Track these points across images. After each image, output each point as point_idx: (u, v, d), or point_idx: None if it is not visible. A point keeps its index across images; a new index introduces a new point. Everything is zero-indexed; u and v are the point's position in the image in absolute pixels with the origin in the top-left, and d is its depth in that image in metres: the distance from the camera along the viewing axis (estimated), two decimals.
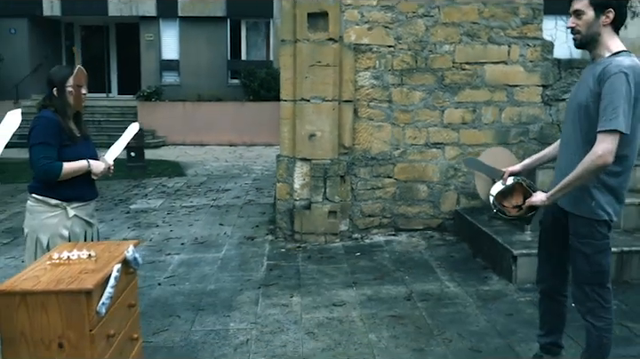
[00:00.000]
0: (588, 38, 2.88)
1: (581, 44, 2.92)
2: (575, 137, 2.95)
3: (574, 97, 3.01)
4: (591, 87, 2.83)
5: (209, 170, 12.83)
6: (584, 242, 2.94)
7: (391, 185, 6.77)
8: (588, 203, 2.91)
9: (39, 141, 3.40)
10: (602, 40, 2.87)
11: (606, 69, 2.76)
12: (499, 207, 3.30)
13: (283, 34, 6.57)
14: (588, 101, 2.84)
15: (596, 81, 2.81)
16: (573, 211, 2.97)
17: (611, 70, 2.73)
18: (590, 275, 2.95)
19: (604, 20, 2.83)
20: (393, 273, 5.40)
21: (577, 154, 2.89)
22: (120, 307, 3.01)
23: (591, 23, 2.84)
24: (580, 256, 2.97)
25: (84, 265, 2.88)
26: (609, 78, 2.73)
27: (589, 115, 2.84)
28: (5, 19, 18.75)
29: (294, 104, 6.51)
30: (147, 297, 4.85)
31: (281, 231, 6.69)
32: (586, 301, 2.99)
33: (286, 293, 4.90)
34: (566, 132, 3.04)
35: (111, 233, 7.10)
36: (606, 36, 2.86)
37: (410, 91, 6.68)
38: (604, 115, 2.73)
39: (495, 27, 6.61)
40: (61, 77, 3.51)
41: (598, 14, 2.82)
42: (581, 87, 2.95)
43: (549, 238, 3.22)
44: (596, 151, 2.74)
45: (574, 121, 2.95)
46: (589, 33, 2.86)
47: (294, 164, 6.54)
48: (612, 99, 2.70)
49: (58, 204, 3.48)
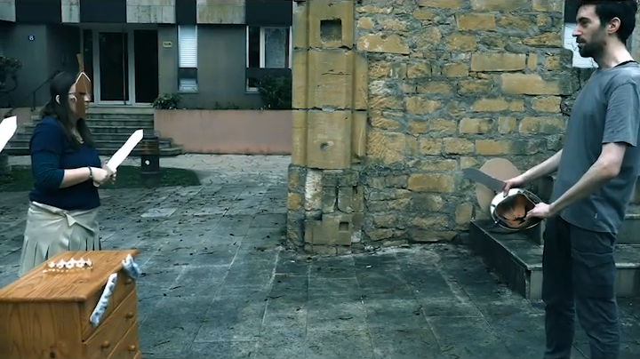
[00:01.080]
0: (594, 47, 2.87)
1: (586, 53, 2.91)
2: (579, 148, 2.92)
3: (579, 106, 2.98)
4: (597, 97, 2.81)
5: (224, 179, 12.90)
6: (586, 254, 2.91)
7: (405, 196, 6.74)
8: (591, 216, 2.88)
9: (40, 149, 3.44)
10: (607, 49, 2.86)
11: (613, 80, 2.74)
12: (500, 219, 3.27)
13: (295, 41, 6.60)
14: (594, 112, 2.82)
15: (602, 91, 2.78)
16: (575, 224, 2.94)
17: (618, 81, 2.71)
18: (593, 288, 2.91)
19: (610, 29, 2.82)
20: (403, 286, 5.37)
21: (582, 165, 2.86)
22: (116, 318, 3.03)
23: (596, 32, 2.83)
24: (582, 269, 2.93)
25: (80, 274, 2.91)
26: (616, 89, 2.71)
27: (595, 126, 2.81)
28: (24, 25, 19.11)
29: (306, 112, 6.53)
30: (151, 307, 4.88)
31: (291, 242, 6.69)
32: (590, 316, 2.95)
33: (293, 306, 4.89)
34: (570, 143, 3.01)
35: (121, 242, 7.16)
36: (612, 45, 2.85)
37: (425, 100, 6.66)
38: (610, 126, 2.71)
39: (513, 36, 6.57)
40: (64, 85, 3.55)
41: (604, 23, 2.82)
42: (587, 97, 2.92)
43: (553, 251, 3.18)
44: (601, 162, 2.70)
45: (579, 131, 2.92)
46: (595, 41, 2.85)
47: (306, 174, 6.55)
48: (619, 110, 2.68)
49: (59, 212, 3.52)
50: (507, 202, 3.27)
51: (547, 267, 3.29)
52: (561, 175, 3.06)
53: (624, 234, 5.62)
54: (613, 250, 2.93)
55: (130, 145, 3.92)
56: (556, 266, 3.18)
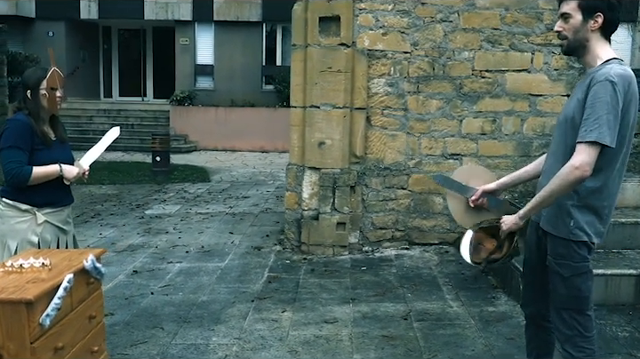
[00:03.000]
0: (576, 44, 2.71)
1: (569, 50, 2.75)
2: (562, 151, 2.75)
3: (563, 111, 2.83)
4: (579, 97, 2.66)
5: (234, 176, 12.84)
6: (561, 263, 2.75)
7: (405, 197, 6.59)
8: (567, 223, 2.71)
9: (8, 145, 3.36)
10: (591, 47, 2.70)
11: (593, 79, 2.60)
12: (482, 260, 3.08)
13: (294, 38, 6.49)
14: (574, 112, 2.66)
15: (584, 91, 2.63)
16: (551, 232, 2.78)
17: (597, 78, 2.57)
18: (568, 299, 2.75)
19: (593, 25, 2.66)
20: (396, 289, 5.23)
21: (557, 170, 2.68)
22: (76, 319, 2.94)
23: (578, 28, 2.68)
24: (557, 278, 2.77)
25: (36, 274, 2.82)
26: (593, 86, 2.56)
27: (575, 129, 2.64)
28: (44, 21, 19.27)
29: (304, 110, 6.41)
30: (135, 306, 4.80)
31: (288, 242, 6.58)
32: (564, 328, 2.79)
33: (279, 308, 4.78)
34: (552, 148, 2.86)
35: (120, 238, 7.11)
36: (595, 43, 2.69)
37: (426, 99, 6.49)
38: (584, 124, 2.55)
39: (518, 34, 6.37)
40: (35, 80, 3.47)
41: (586, 18, 2.66)
42: (571, 99, 2.77)
43: (533, 259, 3.01)
44: (572, 163, 2.55)
45: (560, 135, 2.77)
46: (577, 38, 2.70)
47: (303, 173, 6.43)
48: (594, 108, 2.53)
49: (28, 210, 3.44)
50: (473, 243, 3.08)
51: (526, 275, 3.13)
52: (541, 181, 2.90)
53: (627, 239, 5.42)
54: (590, 259, 2.76)
55: (105, 142, 3.83)
56: (536, 275, 3.01)
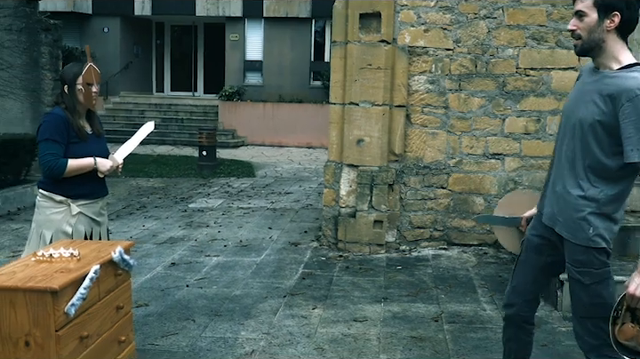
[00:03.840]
0: (592, 44, 2.57)
1: (583, 51, 2.62)
2: (574, 155, 2.64)
3: (574, 110, 2.67)
4: (600, 105, 2.53)
5: (279, 172, 12.93)
6: (582, 271, 2.64)
7: (444, 196, 6.50)
8: (586, 231, 2.61)
9: (45, 138, 3.47)
10: (607, 48, 2.56)
11: (625, 90, 2.45)
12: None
13: (334, 35, 6.47)
14: (595, 120, 2.54)
15: (607, 99, 2.50)
16: (570, 239, 2.67)
17: (632, 90, 2.43)
18: (592, 307, 2.65)
19: (609, 25, 2.53)
20: (429, 290, 5.17)
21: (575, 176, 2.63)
22: (103, 309, 3.02)
23: (593, 27, 2.55)
24: (578, 286, 2.68)
25: (65, 264, 2.91)
26: (629, 100, 2.43)
27: (597, 136, 2.55)
28: (99, 18, 19.80)
29: (343, 107, 6.39)
30: (170, 298, 4.89)
31: (325, 239, 6.59)
32: (590, 338, 2.68)
33: (310, 304, 4.79)
34: (564, 149, 2.71)
35: (161, 231, 7.26)
36: (612, 44, 2.56)
37: (468, 97, 6.39)
38: (630, 143, 2.45)
39: (565, 31, 6.18)
40: (71, 75, 3.57)
41: (602, 17, 2.53)
42: (584, 101, 2.61)
43: (531, 262, 2.92)
44: None
45: (574, 138, 2.64)
46: (592, 38, 2.56)
47: (341, 170, 6.43)
48: (638, 125, 2.42)
49: (63, 201, 3.55)
50: (619, 317, 2.55)
51: (517, 276, 3.01)
52: (554, 185, 2.77)
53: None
54: (610, 265, 2.67)
55: (140, 136, 3.90)
56: (528, 277, 2.94)
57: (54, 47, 11.82)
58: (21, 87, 11.06)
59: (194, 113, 19.15)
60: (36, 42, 11.34)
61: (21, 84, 11.06)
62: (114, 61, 19.58)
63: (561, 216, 2.70)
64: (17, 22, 11.13)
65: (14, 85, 11.07)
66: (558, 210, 2.71)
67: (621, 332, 2.52)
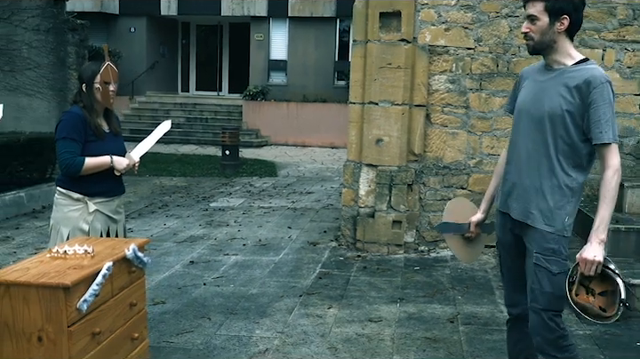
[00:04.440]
0: (543, 45, 2.74)
1: (535, 51, 2.79)
2: (539, 148, 2.75)
3: (536, 106, 2.77)
4: (566, 95, 2.67)
5: (301, 171, 12.96)
6: (552, 259, 2.72)
7: (464, 197, 6.44)
8: (562, 219, 2.71)
9: (63, 136, 3.53)
10: (558, 47, 2.74)
11: (590, 79, 2.62)
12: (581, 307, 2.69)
13: (354, 34, 6.48)
14: (564, 110, 2.67)
15: (574, 89, 2.64)
16: (545, 228, 2.73)
17: (597, 79, 2.62)
18: (552, 298, 2.71)
19: (559, 27, 2.70)
20: (446, 291, 5.14)
21: (544, 166, 2.73)
22: (116, 306, 3.06)
23: (545, 30, 2.70)
24: (545, 276, 2.72)
25: (79, 260, 2.95)
26: (595, 88, 2.61)
27: (565, 125, 2.68)
28: (126, 17, 20.05)
29: (362, 107, 6.39)
30: (187, 296, 4.94)
31: (344, 239, 6.59)
32: (546, 332, 2.76)
33: (325, 304, 4.80)
34: (522, 144, 2.81)
35: (182, 229, 7.33)
36: (562, 43, 2.74)
37: (489, 96, 6.33)
38: (599, 126, 2.61)
39: (588, 29, 6.11)
40: (89, 74, 3.62)
41: (553, 21, 2.69)
42: (547, 95, 2.72)
43: (512, 258, 2.97)
44: (616, 166, 2.63)
45: (538, 131, 2.75)
46: (543, 40, 2.72)
47: (360, 170, 6.42)
48: (605, 110, 2.60)
49: (80, 199, 3.60)
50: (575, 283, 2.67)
51: (508, 275, 3.06)
52: (519, 178, 2.82)
53: None
54: None
55: (156, 135, 3.93)
56: (515, 273, 2.98)
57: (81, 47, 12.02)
58: (48, 86, 11.28)
59: (218, 112, 19.29)
60: (62, 42, 11.55)
61: (48, 84, 11.28)
62: (140, 61, 19.81)
63: (535, 208, 2.76)
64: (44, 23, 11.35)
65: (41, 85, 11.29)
66: (531, 202, 2.77)
67: (586, 301, 2.67)
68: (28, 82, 11.08)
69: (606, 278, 2.66)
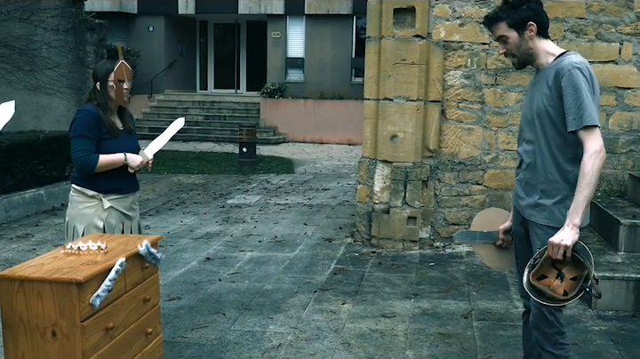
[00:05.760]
0: (525, 56, 2.82)
1: (521, 64, 2.87)
2: (538, 147, 2.81)
3: (529, 108, 2.87)
4: (547, 92, 2.72)
5: (318, 168, 12.96)
6: None
7: (480, 192, 6.41)
8: (562, 213, 2.71)
9: (77, 134, 3.57)
10: (537, 51, 2.80)
11: (559, 70, 2.68)
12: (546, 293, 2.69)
13: (369, 30, 6.47)
14: (547, 106, 2.73)
15: (552, 84, 2.70)
16: (546, 223, 2.75)
17: (564, 68, 2.66)
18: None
19: (529, 35, 2.77)
20: (461, 287, 5.12)
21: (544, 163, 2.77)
22: (130, 301, 3.08)
23: (519, 43, 2.79)
24: None
25: (92, 256, 2.98)
26: (563, 77, 2.65)
27: (552, 120, 2.72)
28: (144, 17, 20.19)
29: (377, 103, 6.38)
30: (202, 292, 4.97)
31: (359, 235, 6.59)
32: (546, 327, 2.78)
33: (339, 299, 4.80)
34: (524, 146, 2.90)
35: (199, 226, 7.37)
36: (539, 46, 2.80)
37: (504, 92, 6.28)
38: (570, 113, 2.63)
39: (605, 23, 6.03)
40: (103, 72, 3.65)
41: (521, 32, 2.77)
42: (536, 96, 2.81)
43: (526, 249, 2.98)
44: (594, 149, 2.59)
45: (533, 131, 2.82)
46: (522, 52, 2.80)
47: (375, 166, 6.41)
48: (575, 96, 2.62)
49: (94, 195, 3.64)
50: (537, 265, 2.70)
51: (521, 267, 3.03)
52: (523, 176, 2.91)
53: None
54: None
55: (169, 132, 3.96)
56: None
57: (99, 46, 12.11)
58: (67, 86, 11.39)
59: (236, 110, 19.35)
60: (81, 41, 11.65)
61: (67, 83, 11.39)
62: (159, 60, 19.95)
63: (535, 204, 2.80)
64: (63, 22, 11.46)
65: (61, 84, 11.41)
66: (532, 199, 2.82)
67: (543, 283, 2.68)
68: (47, 81, 11.21)
69: (580, 264, 2.67)
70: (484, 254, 3.27)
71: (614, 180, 6.16)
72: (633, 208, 5.51)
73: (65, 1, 11.31)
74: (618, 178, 6.15)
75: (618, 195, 6.06)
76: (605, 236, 5.44)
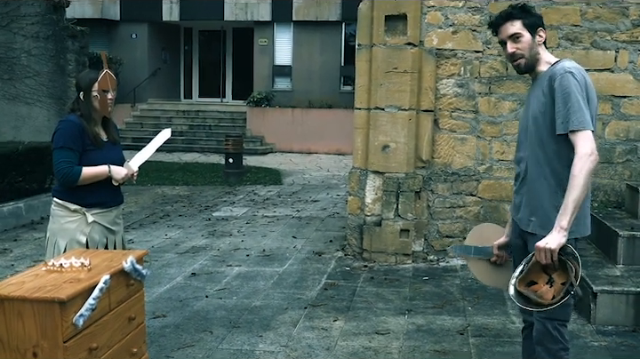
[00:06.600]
0: (533, 60, 2.87)
1: (527, 68, 2.90)
2: (533, 155, 2.86)
3: (525, 118, 2.96)
4: (541, 98, 2.80)
5: (307, 179, 12.95)
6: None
7: (474, 204, 6.42)
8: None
9: (60, 145, 3.53)
10: (541, 58, 2.90)
11: (551, 75, 2.76)
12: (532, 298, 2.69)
13: (359, 38, 6.49)
14: (541, 112, 2.80)
15: (546, 89, 2.77)
16: (543, 233, 2.72)
17: (556, 72, 2.74)
18: (557, 307, 2.66)
19: (539, 40, 2.87)
20: (456, 302, 5.11)
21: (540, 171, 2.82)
22: (114, 320, 3.04)
23: (531, 45, 2.85)
24: None
25: (76, 274, 2.93)
26: (555, 81, 2.72)
27: (546, 126, 2.78)
28: (127, 23, 20.15)
29: (368, 112, 6.39)
30: (189, 309, 4.92)
31: (350, 248, 6.57)
32: (550, 343, 2.78)
33: (331, 316, 4.78)
34: (519, 156, 2.98)
35: (184, 240, 7.32)
36: (543, 54, 2.90)
37: (498, 100, 6.31)
38: (561, 116, 2.69)
39: (600, 30, 6.09)
40: (87, 82, 3.62)
41: (533, 35, 2.86)
42: (531, 104, 2.91)
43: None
44: (584, 152, 2.62)
45: (529, 139, 2.87)
46: (532, 54, 2.86)
47: (366, 177, 6.40)
48: (565, 99, 2.68)
49: (77, 210, 3.59)
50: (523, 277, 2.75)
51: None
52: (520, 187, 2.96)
53: None
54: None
55: (156, 143, 3.92)
56: None
57: (81, 54, 12.06)
58: (48, 95, 11.32)
59: (222, 119, 19.33)
60: (62, 49, 11.59)
61: (48, 92, 11.32)
62: (142, 68, 19.89)
63: (533, 215, 2.84)
64: (44, 29, 11.39)
65: (41, 93, 11.33)
66: (529, 210, 2.86)
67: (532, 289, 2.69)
68: (27, 90, 11.13)
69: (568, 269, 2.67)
70: (478, 270, 3.27)
71: (611, 191, 6.20)
72: (631, 219, 5.54)
73: (45, 7, 11.26)
74: (615, 188, 6.19)
75: (615, 206, 6.09)
76: (603, 249, 5.45)
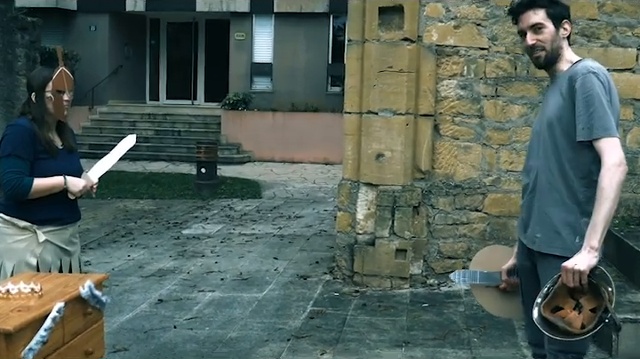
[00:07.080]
0: (555, 54, 2.88)
1: (548, 62, 2.90)
2: (545, 162, 2.87)
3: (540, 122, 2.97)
4: (559, 100, 2.82)
5: (290, 192, 12.99)
6: None
7: (480, 220, 6.45)
8: (571, 240, 2.75)
9: (7, 153, 3.50)
10: (563, 54, 2.91)
11: (572, 74, 2.78)
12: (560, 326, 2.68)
13: (350, 32, 6.54)
14: (559, 115, 2.82)
15: (565, 90, 2.79)
16: (556, 253, 2.76)
17: (578, 72, 2.76)
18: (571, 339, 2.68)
19: (563, 33, 2.89)
20: (460, 332, 5.12)
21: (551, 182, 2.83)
22: (69, 355, 3.01)
23: (554, 37, 2.87)
24: None
25: (25, 301, 2.91)
26: (576, 81, 2.74)
27: (564, 131, 2.80)
28: (86, 14, 20.16)
29: (360, 117, 6.42)
30: (154, 341, 4.90)
31: (339, 271, 6.58)
32: None
33: (318, 349, 4.78)
34: (529, 164, 3.01)
35: (149, 261, 7.30)
36: (566, 50, 2.92)
37: (506, 104, 6.36)
38: (582, 122, 2.70)
39: (620, 26, 6.17)
40: (40, 81, 3.60)
41: (557, 27, 2.87)
42: (547, 106, 2.94)
43: (532, 286, 2.95)
44: (612, 162, 2.63)
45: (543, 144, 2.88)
46: (554, 47, 2.87)
47: (358, 190, 6.43)
48: (587, 102, 2.70)
49: (27, 227, 3.56)
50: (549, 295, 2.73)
51: (528, 308, 2.99)
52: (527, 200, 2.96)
53: None
54: None
55: (118, 152, 3.92)
56: None
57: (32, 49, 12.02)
58: None
59: (193, 124, 19.36)
60: (10, 43, 11.54)
61: None
62: (102, 65, 19.88)
63: (540, 231, 2.85)
64: None
65: None
66: (536, 226, 2.87)
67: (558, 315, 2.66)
68: None
69: (600, 294, 2.65)
70: (486, 299, 3.27)
71: (634, 205, 6.26)
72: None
73: None
74: (638, 203, 6.25)
75: (638, 223, 6.14)
76: (625, 271, 5.50)
